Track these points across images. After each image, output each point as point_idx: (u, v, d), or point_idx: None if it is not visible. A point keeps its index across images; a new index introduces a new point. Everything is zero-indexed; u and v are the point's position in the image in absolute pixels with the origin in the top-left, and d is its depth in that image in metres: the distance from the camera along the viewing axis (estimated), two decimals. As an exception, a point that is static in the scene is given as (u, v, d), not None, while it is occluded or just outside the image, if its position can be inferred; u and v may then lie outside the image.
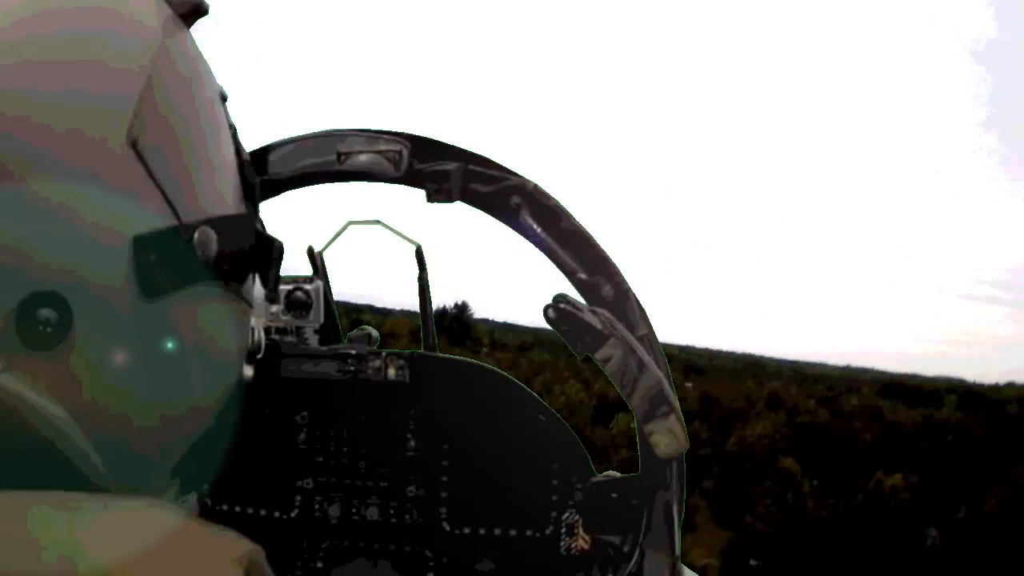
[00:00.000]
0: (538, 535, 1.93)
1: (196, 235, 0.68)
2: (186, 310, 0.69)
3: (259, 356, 0.84)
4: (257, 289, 0.82)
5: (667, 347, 1.86)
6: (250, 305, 0.80)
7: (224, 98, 0.80)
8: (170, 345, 0.68)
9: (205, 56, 0.79)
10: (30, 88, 0.62)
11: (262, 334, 0.85)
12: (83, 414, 0.63)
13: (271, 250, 0.79)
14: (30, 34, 0.64)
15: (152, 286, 0.65)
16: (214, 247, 0.69)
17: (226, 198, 0.75)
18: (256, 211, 0.84)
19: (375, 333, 2.18)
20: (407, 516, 1.99)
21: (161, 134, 0.68)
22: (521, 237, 1.78)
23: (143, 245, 0.64)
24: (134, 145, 0.65)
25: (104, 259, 0.63)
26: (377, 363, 2.01)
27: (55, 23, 0.66)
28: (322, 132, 1.80)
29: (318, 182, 1.83)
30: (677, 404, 1.61)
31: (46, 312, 0.60)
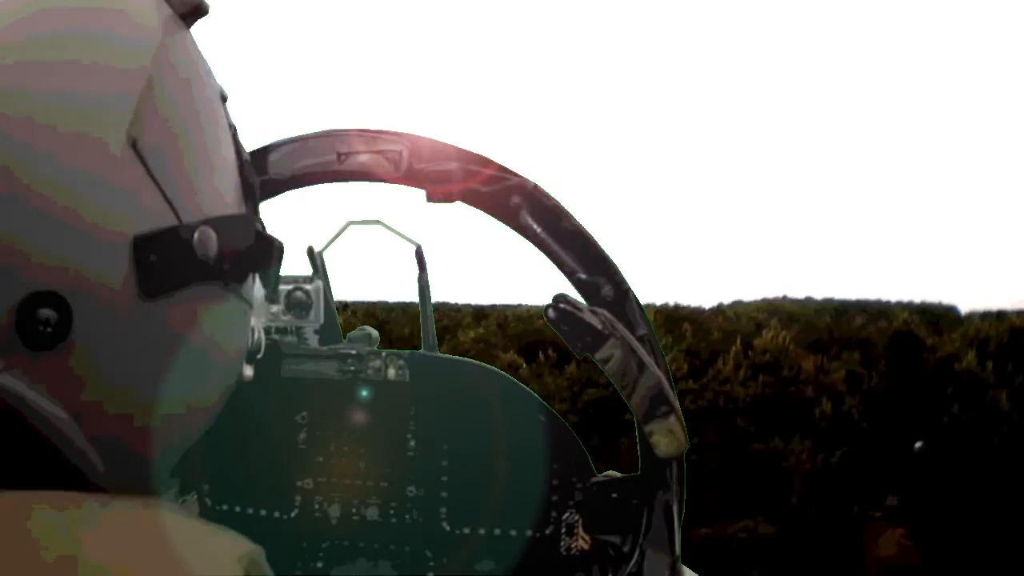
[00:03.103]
0: (538, 535, 1.93)
1: (196, 235, 0.67)
2: (186, 310, 0.69)
3: (259, 356, 0.84)
4: (257, 289, 0.82)
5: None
6: (250, 305, 0.79)
7: (224, 98, 0.80)
8: (170, 345, 0.68)
9: (205, 56, 0.79)
10: (29, 88, 0.62)
11: (262, 334, 0.85)
12: (83, 414, 0.63)
13: (271, 250, 0.79)
14: (29, 34, 0.64)
15: (152, 286, 0.65)
16: (214, 247, 0.69)
17: (226, 198, 0.74)
18: (256, 211, 0.84)
19: (375, 333, 2.18)
20: (407, 516, 1.99)
21: (161, 134, 0.68)
22: (521, 237, 1.78)
23: (143, 245, 0.64)
24: (134, 145, 0.64)
25: (104, 259, 0.63)
26: (377, 363, 2.01)
27: (54, 23, 0.65)
28: (322, 132, 1.80)
29: (318, 182, 1.83)
30: (677, 404, 1.61)
31: (46, 312, 0.60)
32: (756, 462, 17.12)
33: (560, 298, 1.60)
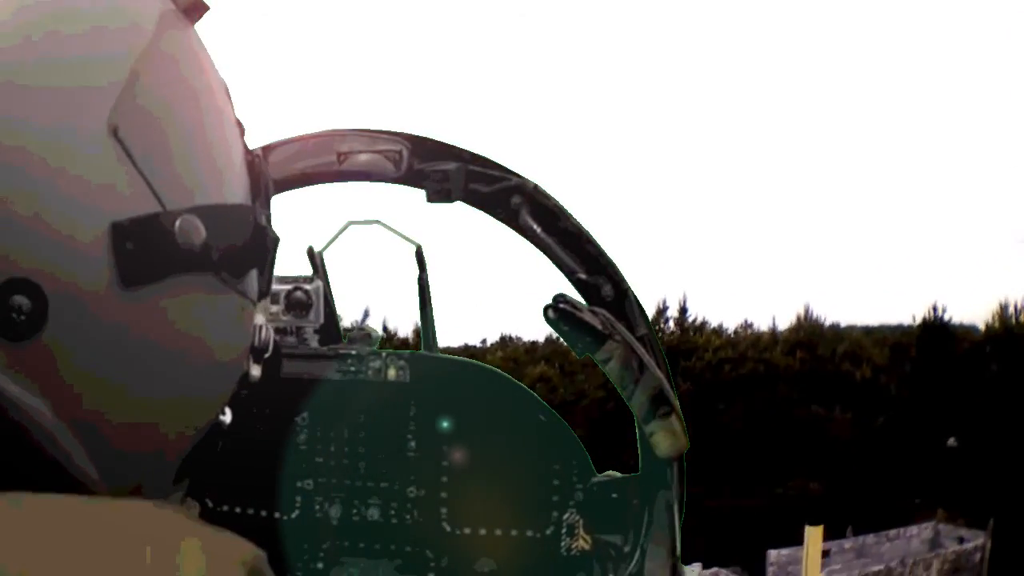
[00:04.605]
0: (538, 535, 1.93)
1: (178, 223, 0.65)
2: (173, 301, 0.66)
3: (267, 355, 0.81)
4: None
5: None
6: (252, 302, 0.77)
7: (228, 94, 0.79)
8: (154, 336, 0.66)
9: (210, 52, 0.78)
10: (12, 78, 0.61)
11: (271, 332, 0.82)
12: (64, 406, 0.62)
13: (265, 242, 0.77)
14: (17, 27, 0.64)
15: (130, 274, 0.63)
16: (200, 236, 0.66)
17: (225, 191, 0.73)
18: (264, 206, 0.81)
19: (375, 333, 2.18)
20: (407, 516, 1.99)
21: (148, 124, 0.66)
22: (521, 237, 1.78)
23: (121, 232, 0.62)
24: (115, 133, 0.63)
25: (80, 247, 0.61)
26: (377, 363, 2.00)
27: (42, 17, 0.65)
28: (322, 132, 1.80)
29: (318, 182, 1.83)
30: (677, 404, 1.61)
31: (19, 299, 0.59)
32: (801, 427, 17.58)
33: (560, 298, 1.60)
